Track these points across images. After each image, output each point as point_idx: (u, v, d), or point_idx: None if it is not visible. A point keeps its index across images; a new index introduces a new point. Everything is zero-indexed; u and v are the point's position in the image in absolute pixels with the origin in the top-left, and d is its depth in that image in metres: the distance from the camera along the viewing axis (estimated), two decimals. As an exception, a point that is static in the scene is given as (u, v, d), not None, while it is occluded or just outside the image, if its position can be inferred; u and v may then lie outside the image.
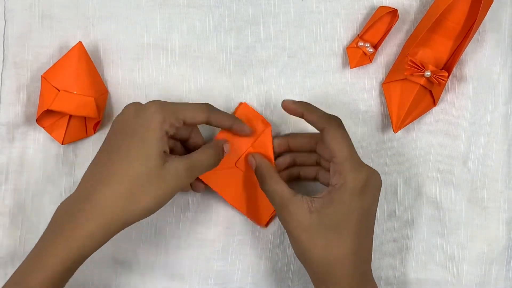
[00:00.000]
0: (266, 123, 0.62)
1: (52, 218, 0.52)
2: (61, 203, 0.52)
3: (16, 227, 0.63)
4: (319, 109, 0.57)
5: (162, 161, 0.51)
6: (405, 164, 0.64)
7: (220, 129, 0.61)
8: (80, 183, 0.53)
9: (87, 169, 0.53)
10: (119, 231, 0.51)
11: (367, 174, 0.53)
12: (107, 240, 0.51)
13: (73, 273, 0.52)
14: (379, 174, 0.55)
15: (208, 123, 0.56)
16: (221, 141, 0.59)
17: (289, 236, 0.55)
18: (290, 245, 0.64)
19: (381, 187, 0.55)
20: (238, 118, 0.60)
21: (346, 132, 0.55)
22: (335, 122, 0.55)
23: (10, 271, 0.62)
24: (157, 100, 0.53)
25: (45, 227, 0.62)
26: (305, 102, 0.57)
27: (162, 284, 0.64)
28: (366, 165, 0.54)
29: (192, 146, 0.60)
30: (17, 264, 0.62)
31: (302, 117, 0.57)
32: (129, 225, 0.51)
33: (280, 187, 0.56)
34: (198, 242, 0.64)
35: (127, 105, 0.54)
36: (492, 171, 0.64)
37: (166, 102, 0.53)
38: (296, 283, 0.65)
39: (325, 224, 0.53)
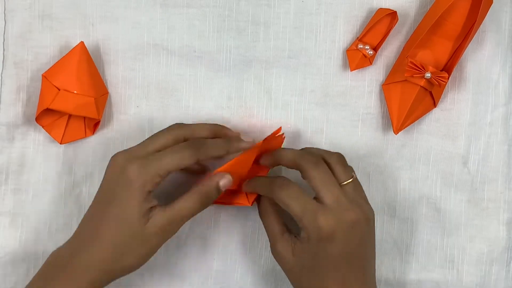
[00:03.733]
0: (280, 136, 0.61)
1: (44, 266, 0.54)
2: (54, 253, 0.54)
3: (16, 227, 0.63)
4: (291, 149, 0.57)
5: (145, 222, 0.52)
6: (405, 165, 0.64)
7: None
8: (74, 234, 0.55)
9: (83, 219, 0.55)
10: (106, 285, 0.54)
11: (332, 220, 0.52)
12: None
13: None
14: (355, 212, 0.53)
15: (198, 163, 0.55)
16: (215, 179, 0.55)
17: (282, 268, 0.57)
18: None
19: (361, 222, 0.54)
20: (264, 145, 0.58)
21: (321, 172, 0.54)
22: (307, 161, 0.55)
23: (10, 271, 0.63)
24: (137, 160, 0.52)
25: (45, 227, 0.63)
26: (278, 149, 0.58)
27: (162, 284, 0.64)
28: (338, 206, 0.53)
29: None
30: (17, 264, 0.62)
31: (277, 162, 0.58)
32: (115, 279, 0.54)
33: (272, 224, 0.58)
34: (198, 242, 0.64)
35: (114, 158, 0.54)
36: (492, 171, 0.64)
37: (145, 160, 0.52)
38: (296, 283, 0.65)
39: (306, 267, 0.55)
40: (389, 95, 0.62)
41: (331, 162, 0.55)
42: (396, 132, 0.61)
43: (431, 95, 0.62)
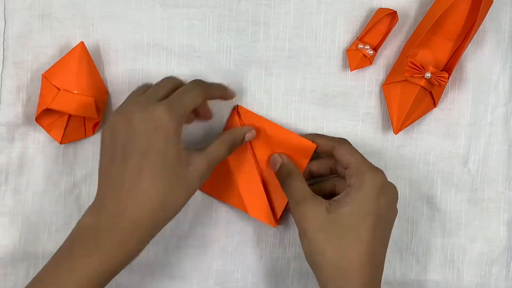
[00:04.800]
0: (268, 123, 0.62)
1: (78, 230, 0.51)
2: (87, 215, 0.52)
3: (16, 227, 0.63)
4: (326, 135, 0.61)
5: (186, 167, 0.52)
6: (406, 165, 0.64)
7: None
8: (100, 193, 0.52)
9: (102, 176, 0.52)
10: (152, 238, 0.52)
11: (384, 179, 0.55)
12: (143, 249, 0.52)
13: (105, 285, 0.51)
14: (395, 187, 0.56)
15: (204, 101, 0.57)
16: (245, 129, 0.60)
17: (302, 236, 0.55)
18: (290, 245, 0.64)
19: (397, 200, 0.56)
20: (242, 121, 0.62)
21: (357, 151, 0.57)
22: (344, 141, 0.58)
23: (10, 271, 0.63)
24: (161, 104, 0.51)
25: (45, 227, 0.63)
26: (314, 134, 0.62)
27: (162, 284, 0.64)
28: (384, 174, 0.55)
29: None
30: (17, 264, 0.63)
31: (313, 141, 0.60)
32: (162, 227, 0.52)
33: (303, 185, 0.56)
34: (198, 242, 0.64)
35: (127, 108, 0.52)
36: (492, 171, 0.64)
37: (169, 101, 0.52)
38: (296, 283, 0.65)
39: (342, 224, 0.53)
40: (389, 95, 0.62)
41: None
42: (396, 132, 0.61)
43: (431, 95, 0.62)
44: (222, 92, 0.59)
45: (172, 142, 0.51)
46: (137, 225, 0.50)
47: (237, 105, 0.63)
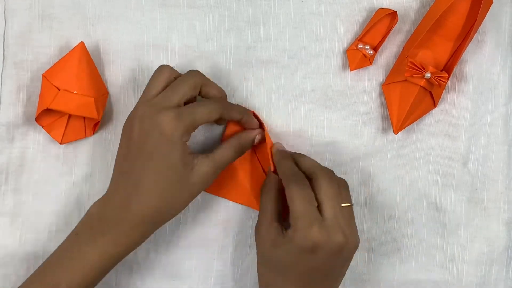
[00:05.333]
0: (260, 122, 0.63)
1: (87, 218, 0.56)
2: (97, 205, 0.56)
3: (16, 227, 0.63)
4: (310, 159, 0.59)
5: (190, 169, 0.55)
6: (405, 165, 0.64)
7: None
8: (112, 186, 0.56)
9: (116, 171, 0.56)
10: (154, 232, 0.56)
11: (323, 237, 0.53)
12: (143, 242, 0.56)
13: (105, 275, 0.56)
14: (345, 235, 0.53)
15: (220, 119, 0.58)
16: (253, 133, 0.61)
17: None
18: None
19: (347, 247, 0.54)
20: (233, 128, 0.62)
21: (333, 186, 0.55)
22: (323, 172, 0.56)
23: (10, 271, 0.63)
24: (171, 109, 0.54)
25: (45, 227, 0.63)
26: (298, 153, 0.61)
27: (162, 284, 0.64)
28: (334, 224, 0.53)
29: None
30: (17, 264, 0.63)
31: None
32: (163, 224, 0.56)
33: (269, 206, 0.58)
34: (198, 242, 0.64)
35: (137, 113, 0.55)
36: (492, 172, 0.64)
37: (179, 112, 0.54)
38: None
39: (278, 263, 0.55)
40: (389, 95, 0.62)
41: (339, 184, 0.56)
42: (396, 132, 0.61)
43: (431, 95, 0.62)
44: (244, 117, 0.59)
45: (176, 148, 0.53)
46: (139, 219, 0.54)
47: (253, 111, 0.62)
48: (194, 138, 0.63)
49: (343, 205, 0.55)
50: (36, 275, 0.55)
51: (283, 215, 0.58)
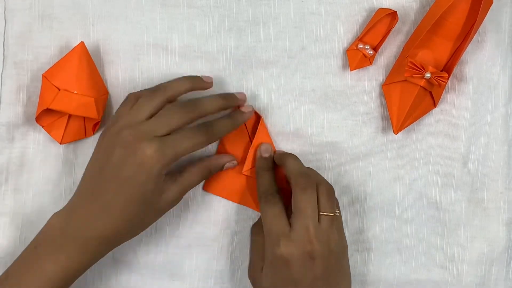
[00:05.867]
0: (257, 115, 0.63)
1: (47, 229, 0.56)
2: (56, 217, 0.56)
3: (16, 227, 0.63)
4: (295, 163, 0.60)
5: (159, 195, 0.55)
6: (405, 165, 0.64)
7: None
8: (76, 198, 0.56)
9: (83, 184, 0.56)
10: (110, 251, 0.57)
11: (291, 249, 0.54)
12: (99, 258, 0.56)
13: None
14: (313, 246, 0.54)
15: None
16: (224, 159, 0.61)
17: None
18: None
19: (317, 258, 0.54)
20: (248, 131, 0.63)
21: (304, 199, 0.55)
22: (296, 183, 0.57)
23: (10, 271, 0.62)
24: (153, 144, 0.53)
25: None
26: (287, 154, 0.62)
27: (162, 284, 0.64)
28: (303, 236, 0.54)
29: None
30: (17, 264, 0.62)
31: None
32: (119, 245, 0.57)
33: (258, 243, 0.60)
34: (198, 242, 0.64)
35: (119, 134, 0.54)
36: (492, 172, 0.64)
37: (161, 145, 0.53)
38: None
39: (265, 284, 0.57)
40: (389, 95, 0.62)
41: (319, 191, 0.56)
42: (396, 132, 0.61)
43: (431, 95, 0.62)
44: (232, 127, 0.60)
45: (153, 180, 0.54)
46: (103, 237, 0.54)
47: (260, 116, 0.63)
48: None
49: (323, 213, 0.55)
50: None
51: None
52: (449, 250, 0.65)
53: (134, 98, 0.57)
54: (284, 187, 0.61)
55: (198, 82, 0.59)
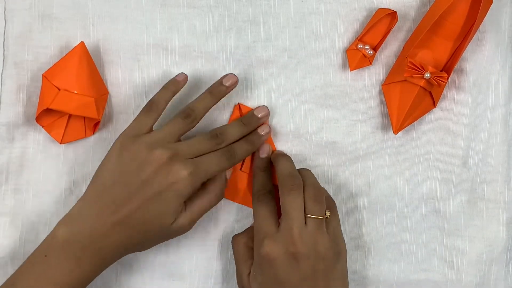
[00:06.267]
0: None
1: (56, 237, 0.55)
2: (63, 224, 0.55)
3: (16, 227, 0.63)
4: (286, 164, 0.60)
5: (173, 221, 0.55)
6: (405, 165, 0.64)
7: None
8: (83, 209, 0.55)
9: (96, 191, 0.56)
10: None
11: (276, 248, 0.55)
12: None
13: None
14: (297, 248, 0.54)
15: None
16: (222, 176, 0.60)
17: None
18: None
19: (305, 262, 0.55)
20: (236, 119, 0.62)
21: (290, 200, 0.56)
22: (283, 184, 0.57)
23: (10, 271, 0.62)
24: (189, 164, 0.55)
25: (45, 227, 0.63)
26: (280, 154, 0.62)
27: (162, 284, 0.64)
28: (287, 236, 0.55)
29: None
30: (17, 264, 0.62)
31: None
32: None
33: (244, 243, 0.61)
34: (198, 242, 0.64)
35: (155, 152, 0.55)
36: (491, 171, 0.64)
37: (196, 165, 0.55)
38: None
39: (256, 283, 0.58)
40: (388, 95, 0.62)
41: (306, 193, 0.57)
42: (395, 132, 0.61)
43: (430, 95, 0.62)
44: (252, 150, 0.61)
45: (177, 201, 0.55)
46: (116, 248, 0.55)
47: (238, 103, 0.63)
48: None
49: (310, 216, 0.55)
50: None
51: None
52: (449, 250, 0.65)
53: (154, 106, 0.58)
54: None
55: (175, 86, 0.60)
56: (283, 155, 0.62)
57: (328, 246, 0.56)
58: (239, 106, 0.63)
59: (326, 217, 0.57)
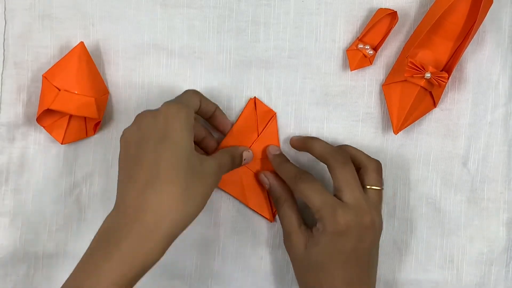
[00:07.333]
0: (271, 112, 0.63)
1: (101, 233, 0.50)
2: (109, 217, 0.51)
3: (16, 227, 0.63)
4: (324, 143, 0.60)
5: (199, 160, 0.52)
6: (405, 165, 0.64)
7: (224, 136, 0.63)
8: (120, 193, 0.51)
9: (120, 179, 0.52)
10: (177, 237, 0.50)
11: (350, 217, 0.55)
12: (167, 249, 0.50)
13: None
14: (372, 216, 0.56)
15: (199, 110, 0.58)
16: (241, 148, 0.60)
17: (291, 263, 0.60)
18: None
19: (375, 227, 0.56)
20: (248, 113, 0.63)
21: (346, 172, 0.56)
22: (335, 159, 0.57)
23: (10, 271, 0.63)
24: (168, 101, 0.54)
25: (45, 227, 0.63)
26: (311, 137, 0.62)
27: (162, 284, 0.64)
28: (357, 207, 0.55)
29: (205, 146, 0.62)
30: (17, 264, 0.63)
31: (308, 151, 0.61)
32: (186, 228, 0.50)
33: (290, 214, 0.60)
34: (198, 242, 0.64)
35: (139, 114, 0.54)
36: (492, 172, 0.64)
37: (175, 100, 0.55)
38: (296, 284, 0.64)
39: (315, 262, 0.56)
40: (389, 95, 0.62)
41: (368, 167, 0.58)
42: (396, 132, 0.62)
43: (431, 95, 0.62)
44: (214, 107, 0.60)
45: (185, 129, 0.51)
46: (160, 218, 0.49)
47: (254, 97, 0.63)
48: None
49: (371, 187, 0.57)
50: None
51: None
52: (449, 250, 0.65)
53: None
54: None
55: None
56: (313, 137, 0.62)
57: (381, 218, 0.57)
58: (254, 100, 0.63)
59: (381, 187, 0.58)
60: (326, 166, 0.59)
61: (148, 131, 0.52)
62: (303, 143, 0.61)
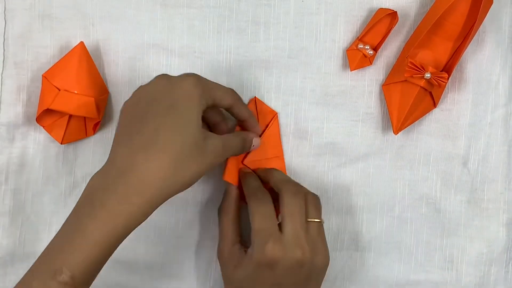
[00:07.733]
0: (273, 112, 0.63)
1: (86, 191, 0.49)
2: (95, 176, 0.50)
3: (16, 227, 0.63)
4: (283, 173, 0.61)
5: (203, 135, 0.51)
6: (405, 165, 0.64)
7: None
8: (112, 153, 0.51)
9: (117, 138, 0.51)
10: (161, 204, 0.49)
11: (279, 252, 0.53)
12: (150, 214, 0.49)
13: (112, 253, 0.49)
14: (305, 252, 0.53)
15: (230, 109, 0.56)
16: (252, 134, 0.59)
17: None
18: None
19: (307, 265, 0.54)
20: (257, 113, 0.63)
21: (295, 202, 0.55)
22: (286, 188, 0.56)
23: (10, 271, 0.63)
24: (191, 73, 0.53)
25: (45, 227, 0.63)
26: (273, 168, 0.62)
27: (162, 284, 0.64)
28: (293, 240, 0.53)
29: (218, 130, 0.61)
30: (17, 264, 0.63)
31: (267, 180, 0.60)
32: (170, 197, 0.49)
33: (227, 228, 0.59)
34: (198, 242, 0.64)
35: (157, 76, 0.53)
36: (492, 172, 0.64)
37: (200, 76, 0.53)
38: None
39: (240, 286, 0.56)
40: (389, 95, 0.62)
41: (307, 199, 0.56)
42: (396, 132, 0.61)
43: (431, 96, 0.62)
44: (247, 116, 0.59)
45: (194, 107, 0.51)
46: (145, 182, 0.48)
47: (255, 97, 0.63)
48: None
49: (312, 219, 0.55)
50: (36, 265, 0.49)
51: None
52: (449, 251, 0.65)
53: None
54: None
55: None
56: (275, 169, 0.62)
57: (324, 255, 0.55)
58: (255, 100, 0.63)
59: (322, 222, 0.56)
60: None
61: (158, 94, 0.51)
62: (264, 172, 0.61)
